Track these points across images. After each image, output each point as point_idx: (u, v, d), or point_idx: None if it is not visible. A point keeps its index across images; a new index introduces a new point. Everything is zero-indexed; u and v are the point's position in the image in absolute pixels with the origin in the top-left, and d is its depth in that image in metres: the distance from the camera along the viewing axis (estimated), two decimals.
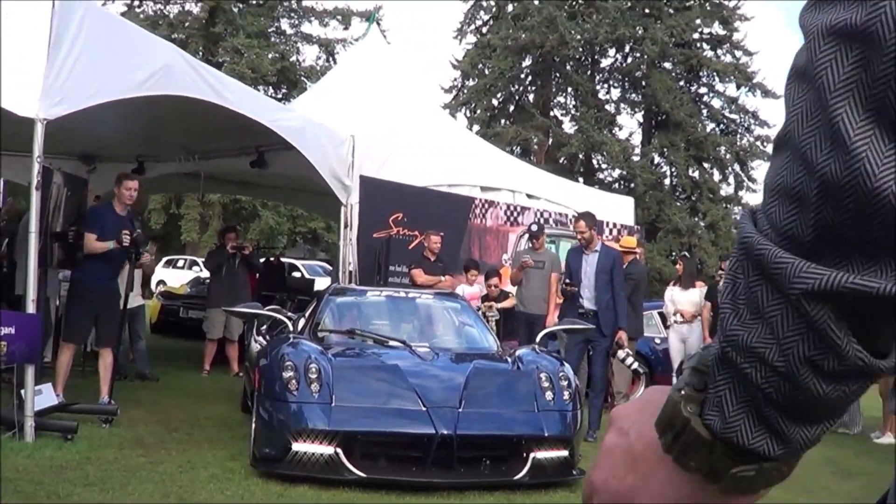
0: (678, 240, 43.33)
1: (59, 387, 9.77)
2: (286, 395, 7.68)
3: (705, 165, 46.17)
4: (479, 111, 47.70)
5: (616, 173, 47.01)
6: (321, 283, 22.45)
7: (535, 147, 46.98)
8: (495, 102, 48.39)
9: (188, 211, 43.73)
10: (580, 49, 46.15)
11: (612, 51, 47.41)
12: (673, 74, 45.55)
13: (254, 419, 8.14)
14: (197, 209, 43.15)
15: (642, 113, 47.66)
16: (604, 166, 47.68)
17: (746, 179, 46.73)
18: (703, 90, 46.96)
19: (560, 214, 16.31)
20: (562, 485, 7.96)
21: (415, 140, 15.27)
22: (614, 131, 46.96)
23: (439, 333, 9.98)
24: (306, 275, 30.37)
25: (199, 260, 27.30)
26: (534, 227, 14.37)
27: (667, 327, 14.81)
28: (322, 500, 6.92)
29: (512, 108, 48.52)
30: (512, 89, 48.10)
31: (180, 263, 41.31)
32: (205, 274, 20.60)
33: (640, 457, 0.97)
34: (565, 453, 7.99)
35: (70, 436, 8.41)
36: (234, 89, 11.04)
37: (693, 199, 45.83)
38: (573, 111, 47.84)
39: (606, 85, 48.50)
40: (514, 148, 44.71)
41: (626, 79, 47.46)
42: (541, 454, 7.83)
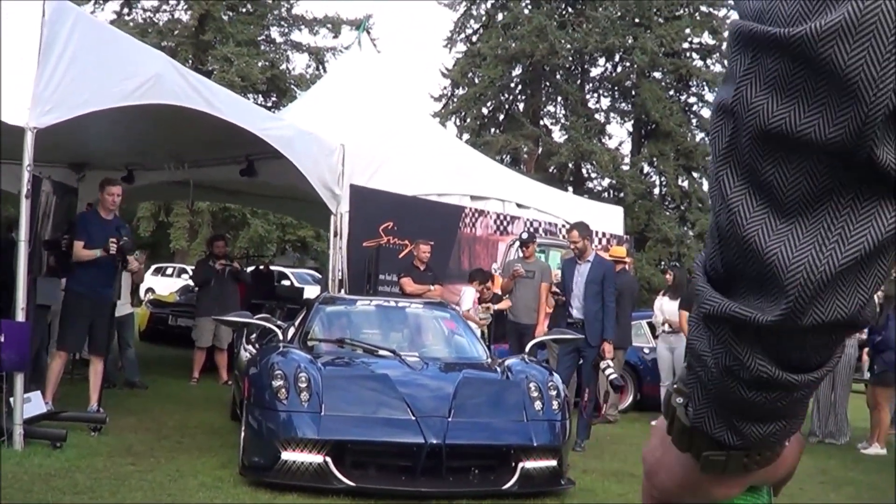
0: (667, 249, 43.36)
1: (49, 394, 9.77)
2: (276, 404, 7.68)
3: (694, 175, 46.18)
4: (469, 120, 47.69)
5: (605, 182, 47.05)
6: (311, 292, 22.47)
7: (525, 156, 46.99)
8: (485, 111, 48.38)
9: (177, 219, 43.64)
10: (570, 58, 46.19)
11: (602, 60, 47.44)
12: (662, 84, 45.61)
13: (243, 428, 8.14)
14: (186, 217, 43.05)
15: (632, 122, 47.70)
16: (593, 175, 47.71)
17: None
18: (693, 100, 47.02)
19: (550, 224, 16.34)
20: (550, 494, 7.98)
21: (405, 149, 15.29)
22: (604, 140, 46.99)
23: (429, 343, 9.99)
24: (296, 283, 30.41)
25: (189, 268, 27.27)
26: (524, 235, 14.40)
27: (655, 337, 14.85)
28: None
29: (502, 117, 48.53)
30: (502, 98, 48.12)
31: (169, 271, 41.23)
32: None
33: (665, 436, 1.14)
34: (554, 463, 8.00)
35: (59, 444, 8.41)
36: (224, 98, 11.05)
37: (682, 209, 45.85)
38: (563, 120, 47.86)
39: (596, 94, 48.56)
40: (504, 157, 44.72)
41: (616, 88, 47.50)
42: (529, 464, 7.83)
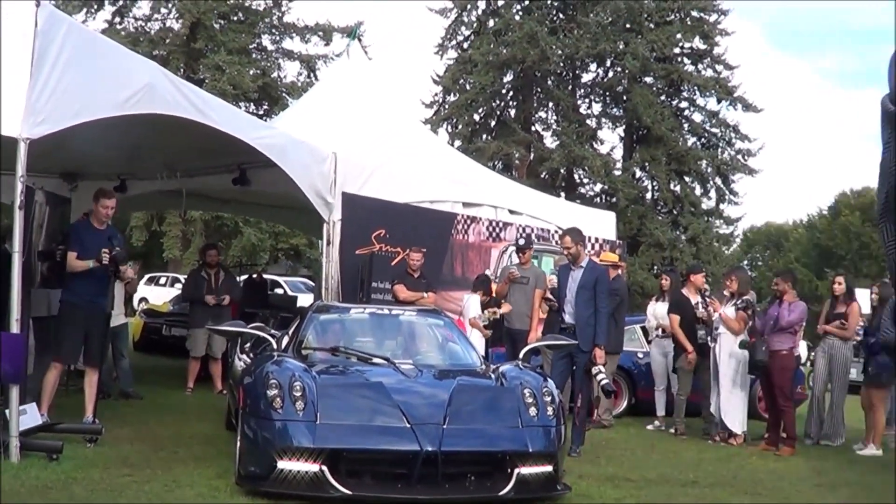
0: (660, 254, 43.46)
1: (45, 406, 9.75)
2: (271, 413, 7.69)
3: (686, 179, 46.31)
4: (461, 126, 47.74)
5: (597, 188, 47.12)
6: (304, 300, 22.46)
7: (517, 162, 47.05)
8: (476, 118, 48.46)
9: (170, 228, 43.61)
10: (561, 64, 46.31)
11: (594, 66, 47.59)
12: (654, 89, 45.70)
13: (238, 437, 8.14)
14: (179, 226, 43.03)
15: (623, 127, 47.80)
16: (585, 181, 47.77)
17: (728, 193, 46.93)
18: (684, 104, 47.16)
19: (542, 230, 16.36)
20: (546, 500, 7.99)
21: (397, 156, 15.29)
22: (595, 146, 47.08)
23: (423, 350, 9.98)
24: (289, 291, 30.39)
25: (182, 277, 27.27)
26: (521, 241, 14.46)
27: (649, 342, 14.90)
28: None
29: (493, 124, 48.60)
30: (493, 104, 48.21)
31: (162, 281, 41.22)
32: None
33: None
34: (549, 469, 8.01)
35: (55, 455, 8.40)
36: (217, 107, 11.05)
37: (674, 213, 45.97)
38: (554, 126, 47.96)
39: (588, 100, 48.66)
40: (496, 163, 44.80)
41: (608, 93, 47.61)
42: (525, 470, 7.83)
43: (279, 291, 29.46)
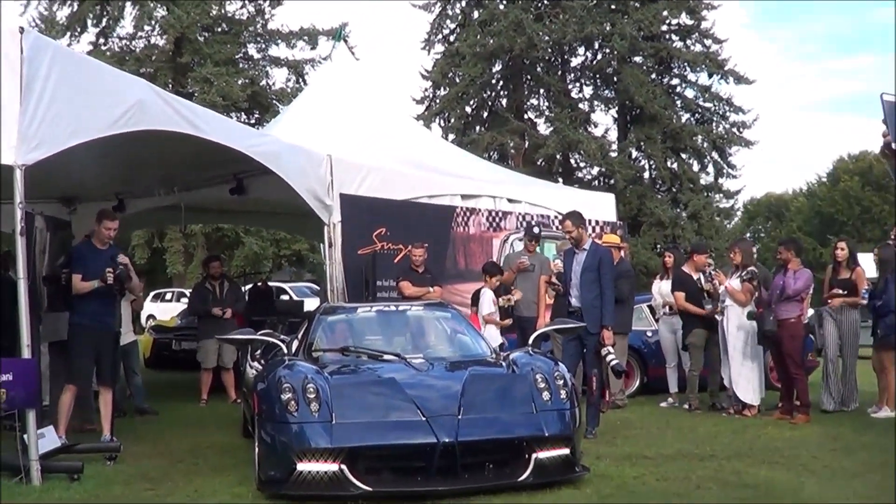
0: (662, 232, 43.44)
1: (62, 429, 9.81)
2: (286, 417, 7.73)
3: (683, 156, 46.23)
4: (453, 120, 47.69)
5: (595, 171, 47.08)
6: (310, 305, 22.48)
7: (512, 151, 47.02)
8: (468, 110, 48.39)
9: (171, 244, 43.66)
10: (549, 50, 46.19)
11: (582, 49, 47.44)
12: (644, 68, 45.61)
13: (256, 444, 8.18)
14: (180, 241, 43.08)
15: (616, 109, 47.76)
16: (582, 165, 47.75)
17: (725, 166, 46.86)
18: (676, 81, 47.04)
19: (542, 216, 16.38)
20: (566, 483, 8.02)
21: (391, 154, 15.36)
22: (590, 129, 47.00)
23: (432, 343, 10.03)
24: (294, 297, 30.40)
25: (187, 291, 27.33)
26: (535, 230, 14.47)
27: (657, 320, 14.92)
28: None
29: (486, 115, 48.55)
30: (484, 95, 48.14)
31: (168, 296, 41.32)
32: None
33: None
34: (566, 451, 8.05)
35: (76, 476, 8.46)
36: (208, 118, 11.08)
37: (674, 191, 45.91)
38: (547, 112, 47.90)
39: (578, 84, 48.56)
40: (492, 154, 44.77)
41: (598, 76, 47.54)
42: (543, 454, 7.88)
43: (285, 298, 29.49)
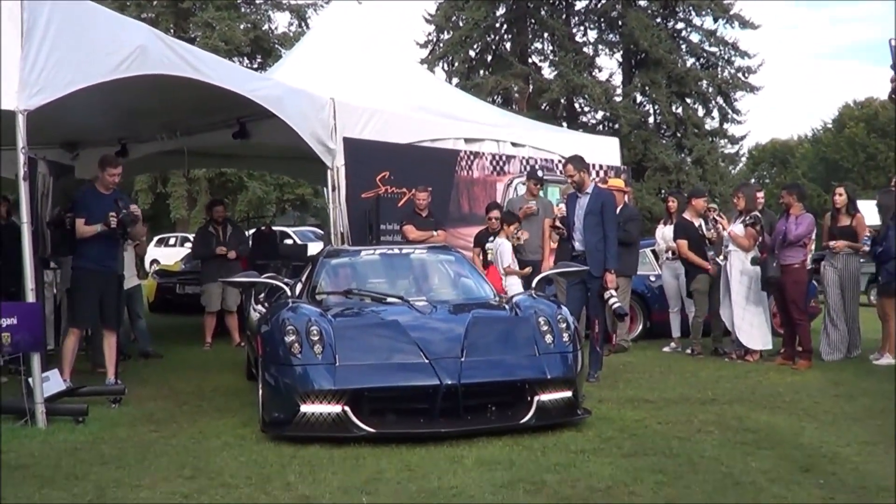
0: (666, 177, 43.39)
1: (66, 372, 9.86)
2: (290, 359, 7.77)
3: (688, 101, 46.10)
4: (457, 64, 47.52)
5: (599, 115, 46.99)
6: (313, 249, 22.49)
7: (517, 95, 46.91)
8: (472, 54, 48.22)
9: (175, 189, 43.71)
10: None
11: None
12: (649, 12, 45.38)
13: (260, 386, 8.22)
14: (183, 186, 43.13)
15: (621, 53, 47.55)
16: (586, 109, 47.65)
17: (730, 111, 46.76)
18: (681, 25, 46.81)
19: (546, 160, 16.34)
20: (568, 425, 8.05)
21: (395, 98, 15.30)
22: (594, 73, 46.88)
23: (436, 287, 10.04)
24: (298, 241, 30.44)
25: (191, 236, 27.39)
26: (539, 173, 14.46)
27: (660, 265, 14.92)
28: (335, 458, 7.02)
29: (490, 58, 48.38)
30: (488, 39, 47.92)
31: (171, 241, 41.39)
32: None
33: None
34: (569, 394, 8.08)
35: (81, 418, 8.51)
36: (210, 62, 11.03)
37: (678, 136, 45.81)
38: (551, 56, 47.72)
39: (583, 27, 48.38)
40: (495, 98, 44.68)
41: (602, 20, 47.28)
42: (545, 397, 7.91)
43: (288, 242, 29.53)
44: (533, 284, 10.00)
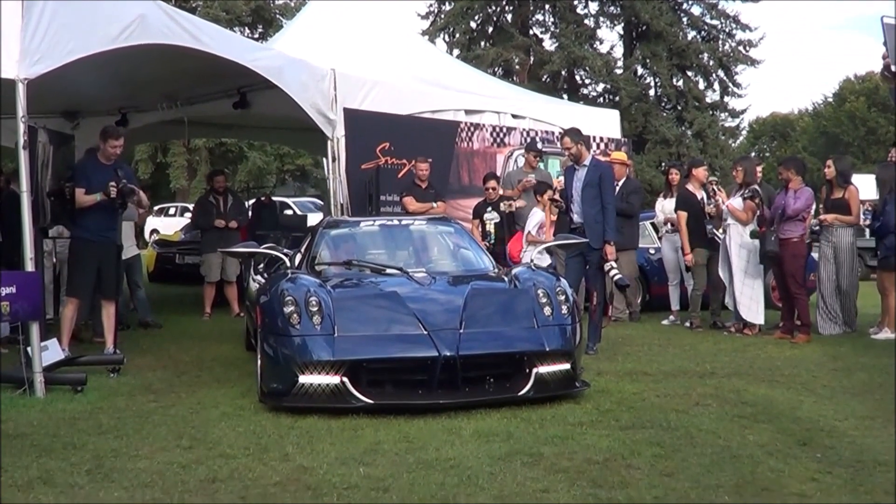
0: (666, 150, 43.33)
1: (65, 342, 9.89)
2: (289, 330, 7.77)
3: (689, 74, 46.00)
4: (458, 35, 47.31)
5: (600, 87, 46.89)
6: (314, 219, 22.50)
7: (517, 67, 46.73)
8: (473, 25, 47.98)
9: (175, 158, 43.65)
10: None
11: None
12: None
13: (259, 356, 8.23)
14: (184, 156, 43.07)
15: (622, 25, 47.34)
16: (587, 81, 47.49)
17: (731, 85, 46.67)
18: None
19: (547, 132, 16.33)
20: (566, 398, 8.07)
21: (396, 69, 15.28)
22: (595, 46, 46.67)
23: (435, 258, 10.04)
24: (298, 212, 30.43)
25: (191, 206, 27.40)
26: (538, 145, 14.46)
27: (659, 238, 14.93)
28: (332, 429, 7.03)
29: (491, 30, 48.15)
30: (489, 10, 47.66)
31: (171, 211, 41.36)
32: None
33: None
34: (567, 366, 8.08)
35: (80, 388, 8.52)
36: (211, 32, 11.01)
37: (679, 109, 45.73)
38: (553, 28, 47.52)
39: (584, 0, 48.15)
40: (496, 69, 44.49)
41: None
42: (543, 369, 7.91)
43: (288, 212, 29.52)
44: (532, 257, 10.00)
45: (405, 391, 7.73)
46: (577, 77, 47.29)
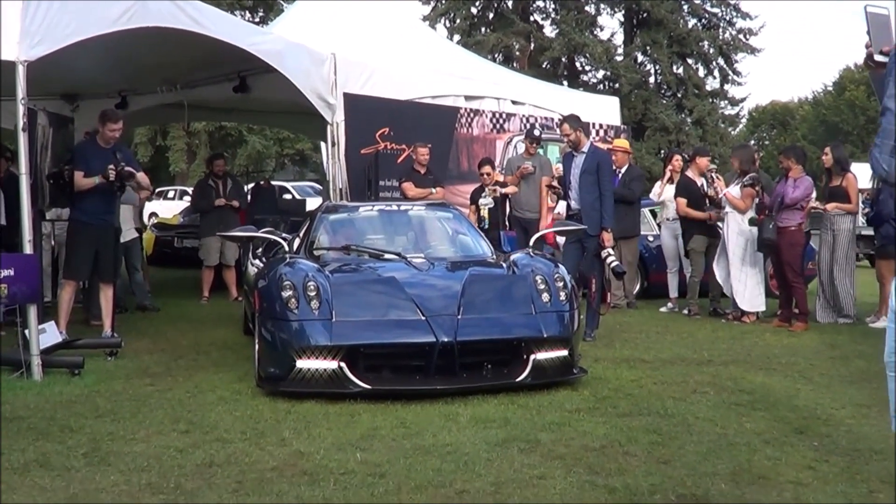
0: (666, 137, 43.33)
1: (62, 324, 9.88)
2: (287, 315, 7.76)
3: (689, 61, 45.99)
4: (459, 20, 47.28)
5: (600, 74, 46.89)
6: (312, 204, 22.47)
7: (518, 53, 46.69)
8: (474, 11, 47.95)
9: (174, 142, 43.58)
10: None
11: None
12: None
13: (256, 340, 8.23)
14: (183, 139, 43.00)
15: (623, 12, 47.33)
16: (587, 68, 47.52)
17: (731, 73, 46.68)
18: None
19: (546, 119, 16.32)
20: (563, 384, 8.07)
21: (396, 54, 15.25)
22: (596, 32, 46.70)
23: (433, 243, 10.02)
24: (297, 196, 30.37)
25: (190, 189, 27.36)
26: (536, 132, 14.42)
27: (658, 225, 14.92)
28: (329, 414, 7.03)
29: (491, 16, 48.11)
30: None
31: (171, 194, 41.27)
32: None
33: None
34: (565, 353, 8.08)
35: (77, 371, 8.52)
36: (211, 16, 10.97)
37: (679, 96, 45.74)
38: (553, 15, 47.50)
39: None
40: (497, 55, 44.48)
41: None
42: (541, 355, 7.90)
43: (287, 197, 29.47)
44: (531, 243, 9.99)
45: (402, 377, 7.73)
46: (578, 64, 47.28)
